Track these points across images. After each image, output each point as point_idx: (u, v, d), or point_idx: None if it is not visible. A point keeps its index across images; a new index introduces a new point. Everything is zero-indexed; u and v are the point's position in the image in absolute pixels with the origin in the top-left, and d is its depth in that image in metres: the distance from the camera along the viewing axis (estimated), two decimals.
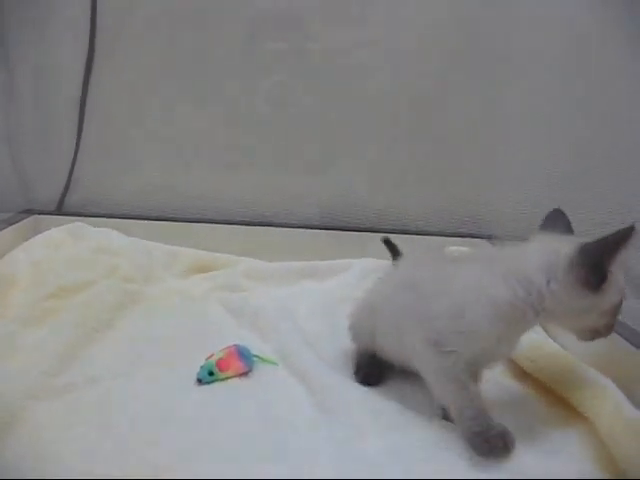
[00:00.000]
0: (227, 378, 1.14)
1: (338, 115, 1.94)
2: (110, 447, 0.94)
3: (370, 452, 0.94)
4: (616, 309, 0.96)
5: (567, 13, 1.76)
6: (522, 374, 1.21)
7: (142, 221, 1.91)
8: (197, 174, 1.99)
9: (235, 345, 1.20)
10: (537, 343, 1.23)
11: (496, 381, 1.18)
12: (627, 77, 1.68)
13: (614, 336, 1.16)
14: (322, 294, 1.63)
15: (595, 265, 0.90)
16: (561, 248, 0.94)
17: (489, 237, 1.93)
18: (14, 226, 1.77)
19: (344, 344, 1.29)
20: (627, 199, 1.67)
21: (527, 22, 1.86)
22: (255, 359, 1.20)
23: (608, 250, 0.90)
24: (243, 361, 1.17)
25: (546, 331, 1.35)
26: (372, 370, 1.18)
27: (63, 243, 1.76)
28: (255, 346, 1.25)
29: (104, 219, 1.89)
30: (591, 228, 1.94)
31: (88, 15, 1.86)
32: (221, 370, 1.14)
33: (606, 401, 1.00)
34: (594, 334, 0.99)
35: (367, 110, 1.94)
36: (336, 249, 1.81)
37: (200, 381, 1.13)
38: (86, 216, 1.91)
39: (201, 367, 1.14)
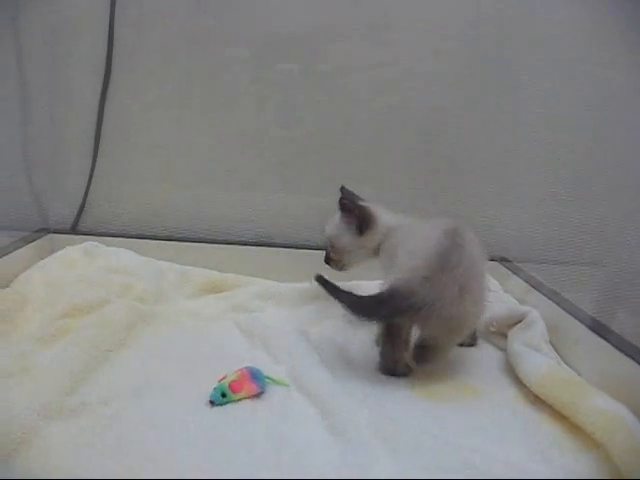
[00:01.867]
0: (240, 400, 1.14)
1: (348, 135, 1.96)
2: (122, 467, 0.94)
3: (381, 476, 0.93)
4: None
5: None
6: (536, 400, 1.19)
7: (154, 241, 1.92)
8: (209, 195, 2.00)
9: (247, 367, 1.20)
10: (550, 368, 1.22)
11: (510, 407, 1.18)
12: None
13: (629, 360, 1.17)
14: (334, 315, 1.62)
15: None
16: None
17: (501, 260, 1.93)
18: (30, 245, 1.79)
19: (357, 366, 1.30)
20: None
21: (540, 44, 1.89)
22: (267, 381, 1.20)
23: None
24: (255, 383, 1.17)
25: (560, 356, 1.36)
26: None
27: (78, 262, 1.78)
28: (267, 367, 1.25)
29: (118, 238, 1.91)
30: (597, 245, 1.97)
31: (105, 39, 1.89)
32: (234, 392, 1.13)
33: (620, 428, 0.99)
34: None
35: (376, 130, 1.97)
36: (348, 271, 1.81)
37: (213, 403, 1.12)
38: (100, 235, 1.93)
39: (214, 389, 1.14)
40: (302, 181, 1.98)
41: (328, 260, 1.48)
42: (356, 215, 1.40)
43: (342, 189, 1.52)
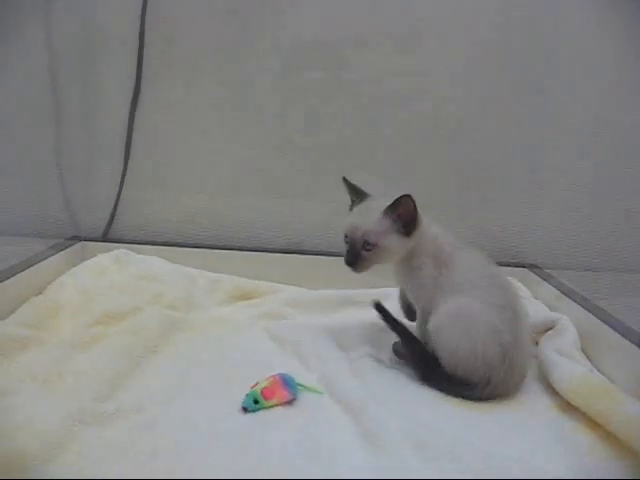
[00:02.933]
0: (272, 406, 1.14)
1: (375, 143, 1.98)
2: (156, 473, 0.95)
3: None
4: None
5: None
6: (569, 407, 1.18)
7: (184, 248, 1.94)
8: (237, 202, 2.02)
9: (280, 374, 1.21)
10: (583, 376, 1.21)
11: (543, 414, 1.17)
12: None
13: None
14: (365, 322, 1.62)
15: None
16: None
17: (531, 266, 1.92)
18: (62, 252, 1.81)
19: (388, 372, 1.31)
20: None
21: (569, 49, 1.89)
22: (299, 388, 1.20)
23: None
24: (288, 390, 1.17)
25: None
26: None
27: (109, 269, 1.80)
28: (299, 374, 1.25)
29: (148, 246, 1.93)
30: (627, 256, 1.96)
31: (135, 50, 1.93)
32: (266, 398, 1.14)
33: None
34: None
35: (403, 137, 1.97)
36: (377, 277, 1.81)
37: (245, 409, 1.13)
38: (130, 243, 1.95)
39: (246, 395, 1.15)
40: (330, 188, 1.98)
41: (355, 260, 1.32)
42: (404, 213, 1.31)
43: (344, 180, 1.46)
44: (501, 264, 1.90)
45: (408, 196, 1.28)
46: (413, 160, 1.99)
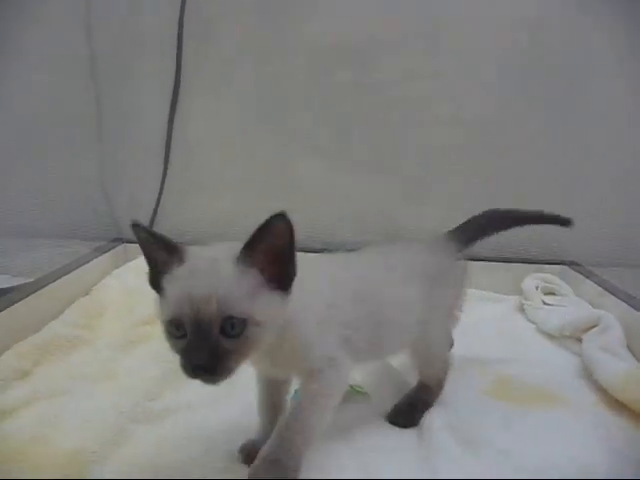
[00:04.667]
0: None
1: (401, 143, 1.98)
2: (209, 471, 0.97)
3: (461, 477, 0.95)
4: None
5: None
6: (616, 404, 1.18)
7: None
8: (274, 204, 2.01)
9: None
10: (630, 373, 1.20)
11: (590, 411, 1.17)
12: None
13: None
14: None
15: None
16: None
17: (571, 263, 1.91)
18: (106, 254, 1.85)
19: None
20: None
21: (602, 53, 1.87)
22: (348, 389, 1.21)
23: None
24: None
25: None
26: None
27: None
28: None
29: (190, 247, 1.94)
30: None
31: (174, 55, 1.95)
32: None
33: None
34: None
35: (430, 138, 1.98)
36: None
37: None
38: None
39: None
40: (361, 187, 2.00)
41: (216, 361, 0.80)
42: (276, 250, 0.86)
43: (138, 227, 0.89)
44: (541, 262, 1.92)
45: (282, 216, 0.85)
46: (443, 161, 1.99)
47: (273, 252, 0.84)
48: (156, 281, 0.87)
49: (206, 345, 0.79)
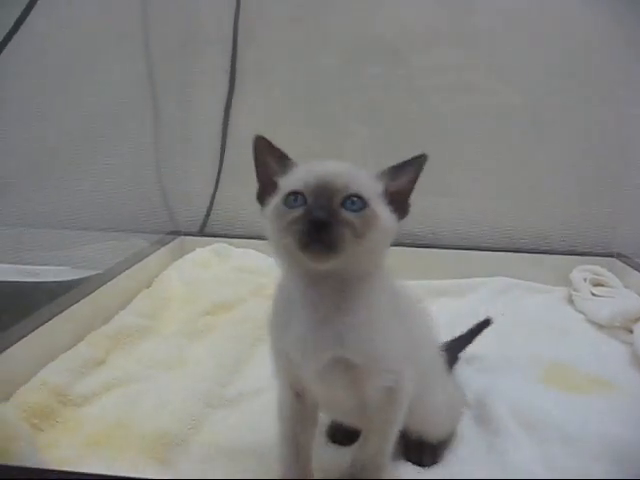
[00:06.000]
0: None
1: (431, 134, 2.01)
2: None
3: (527, 462, 0.99)
4: None
5: None
6: None
7: None
8: None
9: None
10: None
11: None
12: None
13: None
14: (455, 312, 1.67)
15: None
16: None
17: (619, 255, 1.93)
18: (164, 247, 1.91)
19: (488, 359, 1.37)
20: None
21: None
22: None
23: None
24: None
25: None
26: None
27: (209, 262, 1.90)
28: None
29: (243, 240, 2.01)
30: None
31: (229, 51, 2.01)
32: None
33: None
34: None
35: (459, 130, 2.02)
36: (468, 268, 1.87)
37: None
38: (227, 237, 2.04)
39: None
40: None
41: (335, 220, 0.77)
42: (408, 184, 0.88)
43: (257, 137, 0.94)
44: (589, 254, 1.94)
45: (425, 157, 0.87)
46: (489, 152, 2.03)
47: (402, 182, 0.86)
48: (263, 196, 0.92)
49: (327, 205, 0.78)
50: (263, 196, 0.92)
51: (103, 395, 1.19)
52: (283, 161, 0.91)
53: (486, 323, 1.35)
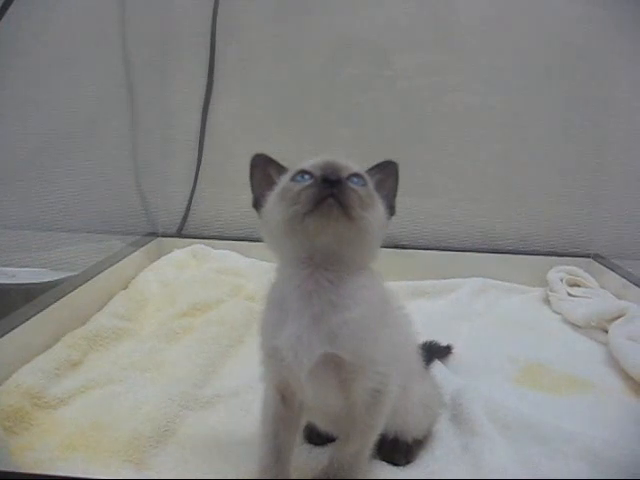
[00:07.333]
0: None
1: (413, 137, 2.02)
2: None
3: (501, 462, 0.98)
4: None
5: None
6: None
7: (256, 243, 2.00)
8: None
9: None
10: None
11: (621, 398, 1.22)
12: None
13: None
14: (433, 313, 1.68)
15: None
16: None
17: (595, 256, 1.95)
18: (142, 248, 1.90)
19: (464, 360, 1.37)
20: None
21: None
22: None
23: None
24: None
25: None
26: None
27: (187, 263, 1.89)
28: None
29: (221, 241, 2.01)
30: None
31: (206, 53, 2.01)
32: None
33: None
34: None
35: (446, 131, 2.03)
36: (446, 269, 1.88)
37: None
38: (204, 238, 2.04)
39: None
40: None
41: (347, 197, 0.81)
42: (389, 184, 0.95)
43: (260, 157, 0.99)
44: (566, 255, 1.96)
45: (394, 164, 0.96)
46: (469, 153, 2.04)
47: (385, 182, 0.94)
48: (259, 203, 0.94)
49: (337, 174, 0.82)
50: (259, 202, 0.94)
51: (78, 397, 1.17)
52: (282, 173, 0.94)
53: (447, 349, 1.37)
